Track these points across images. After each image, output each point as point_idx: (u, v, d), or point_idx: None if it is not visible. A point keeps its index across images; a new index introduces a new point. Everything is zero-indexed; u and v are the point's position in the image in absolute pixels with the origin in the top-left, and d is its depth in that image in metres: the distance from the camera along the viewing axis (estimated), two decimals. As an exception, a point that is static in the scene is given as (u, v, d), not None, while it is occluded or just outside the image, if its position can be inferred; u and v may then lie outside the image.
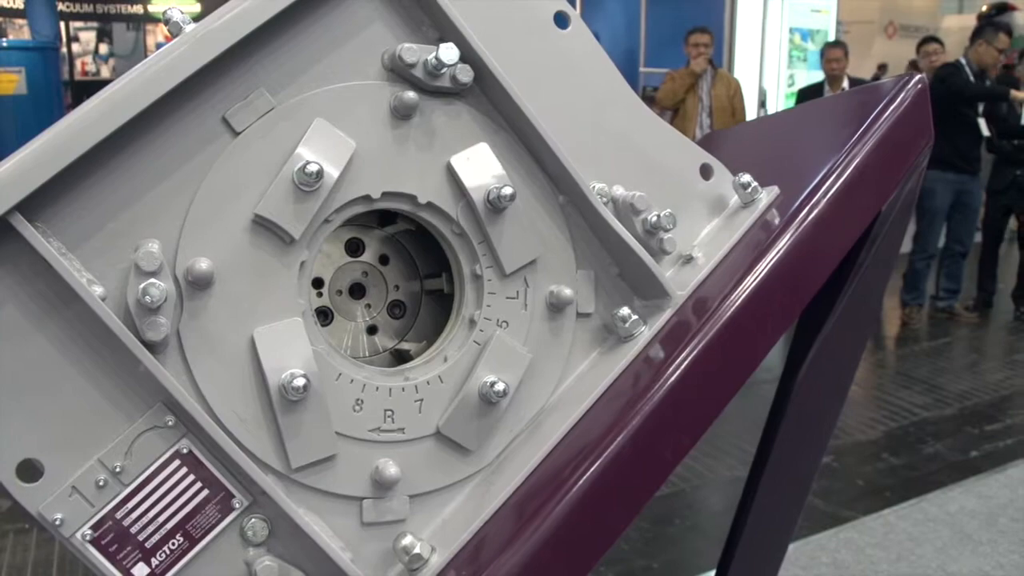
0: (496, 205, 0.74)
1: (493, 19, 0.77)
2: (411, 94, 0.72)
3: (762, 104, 8.49)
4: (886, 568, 2.65)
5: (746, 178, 0.88)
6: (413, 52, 0.72)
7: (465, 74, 0.73)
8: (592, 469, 0.72)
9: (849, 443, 3.59)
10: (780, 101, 9.26)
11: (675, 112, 5.64)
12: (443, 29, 0.74)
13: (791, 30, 9.42)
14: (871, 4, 10.48)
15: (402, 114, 0.73)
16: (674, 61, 5.98)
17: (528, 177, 0.78)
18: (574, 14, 0.81)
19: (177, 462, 0.68)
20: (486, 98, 0.76)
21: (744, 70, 8.58)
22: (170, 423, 0.67)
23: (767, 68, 9.16)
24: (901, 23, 10.40)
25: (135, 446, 0.66)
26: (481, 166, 0.75)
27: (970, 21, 8.53)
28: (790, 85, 9.38)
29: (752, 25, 9.00)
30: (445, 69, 0.72)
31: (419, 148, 0.74)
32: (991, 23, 5.51)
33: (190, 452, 0.68)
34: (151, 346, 0.65)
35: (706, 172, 0.88)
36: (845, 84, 5.34)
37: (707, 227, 0.88)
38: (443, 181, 0.75)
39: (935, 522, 2.90)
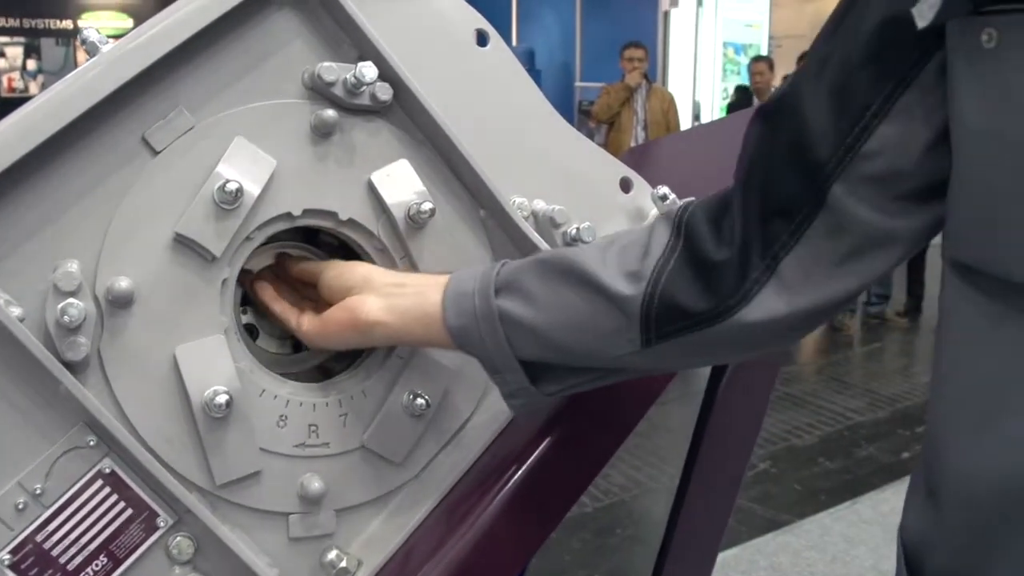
0: (416, 221, 0.75)
1: (413, 37, 0.78)
2: (330, 112, 0.73)
3: (696, 117, 8.63)
4: (822, 569, 2.70)
5: (663, 190, 0.90)
6: (332, 71, 0.73)
7: (384, 92, 0.75)
8: (516, 476, 0.74)
9: (785, 448, 3.66)
10: (715, 114, 9.42)
11: (610, 126, 5.71)
12: (362, 48, 0.75)
13: (725, 44, 9.60)
14: (802, 19, 10.72)
15: (322, 132, 0.74)
16: (610, 75, 6.06)
17: (449, 192, 0.79)
18: (493, 32, 0.83)
19: (99, 482, 0.67)
20: (406, 115, 0.78)
21: (678, 84, 8.71)
22: (91, 443, 0.67)
23: (701, 82, 9.32)
24: (831, 37, 10.62)
25: (56, 467, 0.66)
26: (401, 182, 0.76)
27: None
28: (725, 98, 9.56)
29: (685, 40, 9.14)
30: (364, 87, 0.74)
31: (340, 165, 0.75)
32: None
33: (112, 472, 0.68)
34: (71, 366, 0.65)
35: (626, 185, 0.90)
36: None
37: (628, 239, 0.90)
38: (364, 197, 0.76)
39: (868, 523, 2.97)
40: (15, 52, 7.95)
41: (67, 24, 8.09)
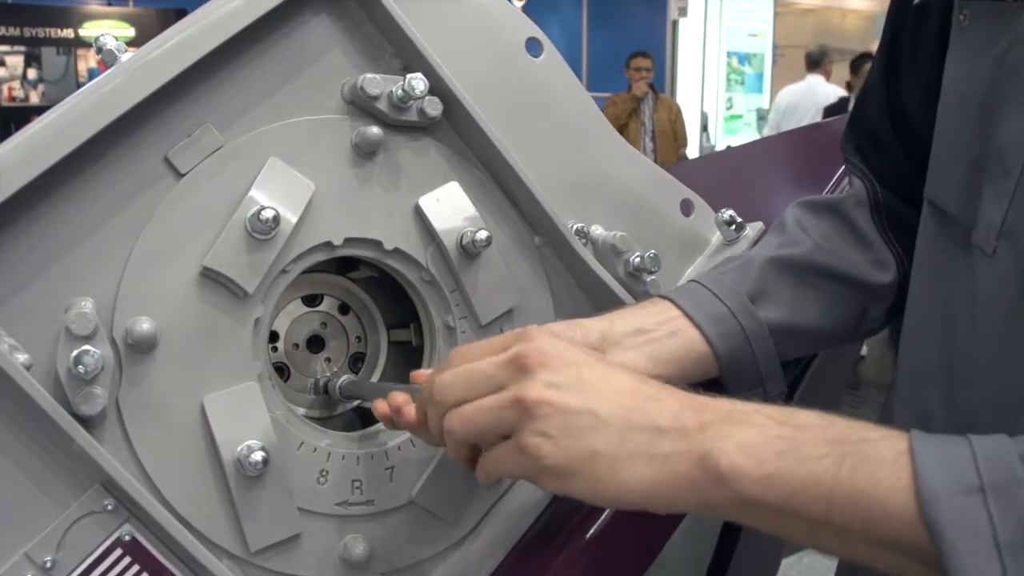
0: (470, 250, 0.67)
1: (460, 47, 0.71)
2: (375, 129, 0.65)
3: (704, 127, 8.56)
4: (848, 594, 2.63)
5: (729, 214, 0.82)
6: (377, 83, 0.65)
7: (434, 107, 0.67)
8: (591, 532, 0.66)
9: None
10: (720, 124, 9.35)
11: (618, 136, 5.66)
12: (408, 58, 0.68)
13: (729, 54, 9.55)
14: (804, 29, 10.67)
15: (365, 151, 0.66)
16: (618, 85, 5.99)
17: (502, 218, 0.72)
18: (547, 41, 0.76)
19: (119, 551, 0.59)
20: (456, 133, 0.70)
21: (686, 94, 8.65)
22: (109, 507, 0.58)
23: (708, 92, 9.26)
24: (834, 47, 10.60)
25: (69, 536, 0.58)
26: (452, 207, 0.68)
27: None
28: (728, 108, 9.50)
29: (693, 50, 9.09)
30: (412, 102, 0.66)
31: (384, 189, 0.67)
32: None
33: (133, 539, 0.59)
34: (86, 421, 0.57)
35: (687, 208, 0.83)
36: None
37: (690, 267, 0.83)
38: (411, 224, 0.68)
39: (894, 545, 2.90)
40: (15, 61, 7.89)
41: (68, 33, 8.03)
